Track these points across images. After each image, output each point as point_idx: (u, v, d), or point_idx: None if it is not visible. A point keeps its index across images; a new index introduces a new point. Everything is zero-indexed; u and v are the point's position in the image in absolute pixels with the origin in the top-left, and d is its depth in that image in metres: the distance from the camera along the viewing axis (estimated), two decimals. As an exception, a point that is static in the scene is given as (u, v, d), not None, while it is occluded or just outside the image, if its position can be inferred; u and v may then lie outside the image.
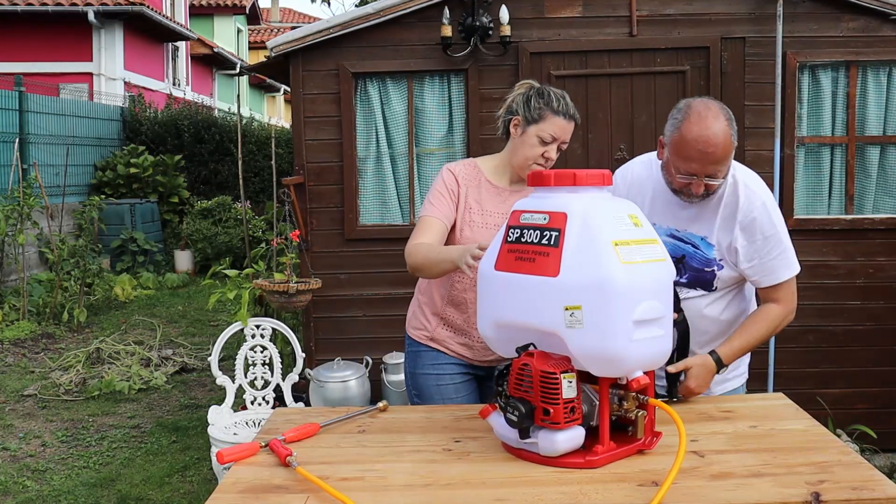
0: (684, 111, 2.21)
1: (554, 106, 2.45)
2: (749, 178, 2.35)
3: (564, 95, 2.50)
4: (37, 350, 7.27)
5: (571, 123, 2.49)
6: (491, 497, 1.61)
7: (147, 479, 4.47)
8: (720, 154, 2.17)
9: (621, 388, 1.78)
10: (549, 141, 2.46)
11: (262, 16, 27.43)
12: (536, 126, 2.46)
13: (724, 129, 2.17)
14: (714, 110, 2.19)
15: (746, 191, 2.31)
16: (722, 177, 2.22)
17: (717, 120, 2.17)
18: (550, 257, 1.73)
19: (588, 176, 1.82)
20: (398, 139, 4.83)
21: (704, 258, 2.35)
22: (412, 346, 2.68)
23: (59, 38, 14.41)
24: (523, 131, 2.48)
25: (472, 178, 2.57)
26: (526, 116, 2.48)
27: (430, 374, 2.61)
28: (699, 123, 2.16)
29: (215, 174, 13.09)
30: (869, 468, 1.71)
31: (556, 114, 2.45)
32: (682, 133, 2.18)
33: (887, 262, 4.66)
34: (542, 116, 2.45)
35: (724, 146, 2.16)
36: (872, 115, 4.67)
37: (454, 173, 2.56)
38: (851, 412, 4.62)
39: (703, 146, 2.15)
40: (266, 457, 1.86)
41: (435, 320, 2.62)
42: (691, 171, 2.20)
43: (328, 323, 4.86)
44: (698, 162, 2.18)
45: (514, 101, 2.52)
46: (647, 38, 4.66)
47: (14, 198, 8.52)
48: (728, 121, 2.19)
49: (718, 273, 2.35)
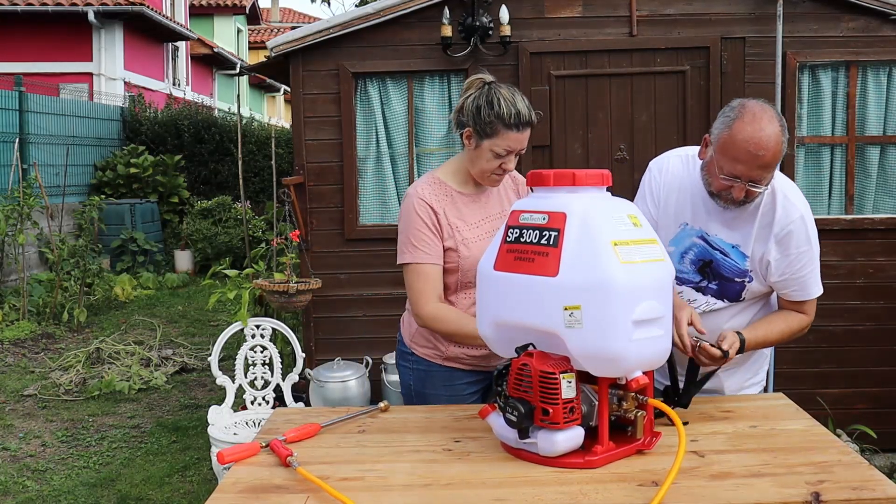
0: (738, 110, 2.12)
1: (505, 119, 2.27)
2: (789, 190, 2.26)
3: (515, 99, 2.30)
4: (37, 350, 7.27)
5: (527, 131, 2.32)
6: (491, 497, 1.61)
7: (147, 479, 4.47)
8: (769, 158, 2.08)
9: (620, 388, 1.78)
10: (503, 154, 2.32)
11: (262, 16, 27.43)
12: (490, 141, 2.31)
13: (777, 134, 2.09)
14: (770, 113, 2.11)
15: (785, 202, 2.22)
16: (765, 184, 2.13)
17: (771, 123, 2.09)
18: (550, 257, 1.73)
19: (587, 176, 1.82)
20: (398, 139, 4.83)
21: (736, 268, 2.26)
22: (419, 363, 2.52)
23: (59, 38, 14.41)
24: (477, 145, 2.34)
25: (444, 197, 2.42)
26: (478, 130, 2.32)
27: (441, 395, 2.46)
28: (752, 124, 2.08)
29: (215, 174, 13.09)
30: (869, 468, 1.71)
31: (509, 128, 2.28)
32: (733, 132, 2.09)
33: (887, 262, 4.66)
34: (495, 132, 2.29)
35: (774, 151, 2.08)
36: (872, 115, 4.67)
37: (427, 201, 2.39)
38: (851, 412, 4.62)
39: (753, 148, 2.07)
40: (266, 457, 1.86)
41: (446, 341, 2.45)
42: (736, 172, 2.10)
43: (328, 323, 4.85)
44: (745, 164, 2.08)
45: (464, 107, 2.36)
46: (647, 38, 4.66)
47: (14, 198, 8.52)
48: (782, 127, 2.12)
49: (749, 285, 2.27)
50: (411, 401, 2.55)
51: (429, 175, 2.50)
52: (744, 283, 2.27)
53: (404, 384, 2.59)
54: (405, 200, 2.46)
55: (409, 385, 2.57)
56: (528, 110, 2.32)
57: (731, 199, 2.15)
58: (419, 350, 2.52)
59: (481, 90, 2.34)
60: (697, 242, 2.29)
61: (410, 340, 2.55)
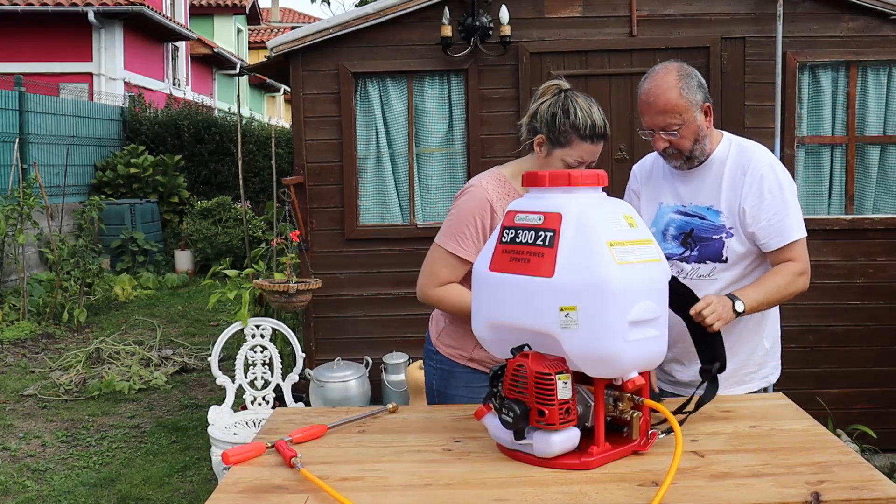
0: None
1: (581, 130, 2.24)
2: (749, 143, 2.40)
3: (592, 110, 2.27)
4: (37, 350, 7.27)
5: (600, 144, 2.29)
6: (491, 497, 1.61)
7: (147, 479, 4.47)
8: (661, 103, 2.25)
9: (616, 388, 1.77)
10: (574, 165, 2.28)
11: (262, 16, 27.43)
12: (562, 150, 2.28)
13: (669, 82, 2.25)
14: (669, 67, 2.29)
15: (746, 152, 2.36)
16: (677, 130, 2.26)
17: (666, 75, 2.27)
18: (545, 258, 1.73)
19: (583, 176, 1.82)
20: (398, 139, 4.83)
21: (712, 226, 2.34)
22: (442, 362, 2.48)
23: (59, 38, 14.41)
24: (548, 153, 2.31)
25: (505, 196, 2.36)
26: (550, 138, 2.29)
27: (463, 396, 2.42)
28: (648, 80, 2.30)
29: (215, 174, 13.09)
30: (869, 468, 1.71)
31: (584, 139, 2.25)
32: (638, 93, 2.32)
33: (887, 262, 4.66)
34: (570, 142, 2.26)
35: (665, 96, 2.25)
36: (872, 115, 4.67)
37: (490, 201, 2.34)
38: (851, 412, 4.62)
39: (646, 97, 2.28)
40: (266, 457, 1.85)
41: (471, 341, 2.36)
42: (646, 124, 2.31)
43: (328, 323, 4.85)
44: (647, 115, 2.29)
45: (538, 113, 2.31)
46: (647, 38, 4.66)
47: (14, 198, 8.52)
48: (681, 77, 2.26)
49: (727, 241, 2.33)
50: (433, 400, 2.53)
51: (495, 171, 2.45)
52: (722, 240, 2.34)
53: (427, 383, 2.57)
54: (468, 191, 2.41)
55: (431, 385, 2.54)
56: (604, 122, 2.30)
57: (668, 155, 2.33)
58: (444, 349, 2.49)
59: (557, 97, 2.30)
60: (675, 217, 2.41)
61: (437, 339, 2.52)
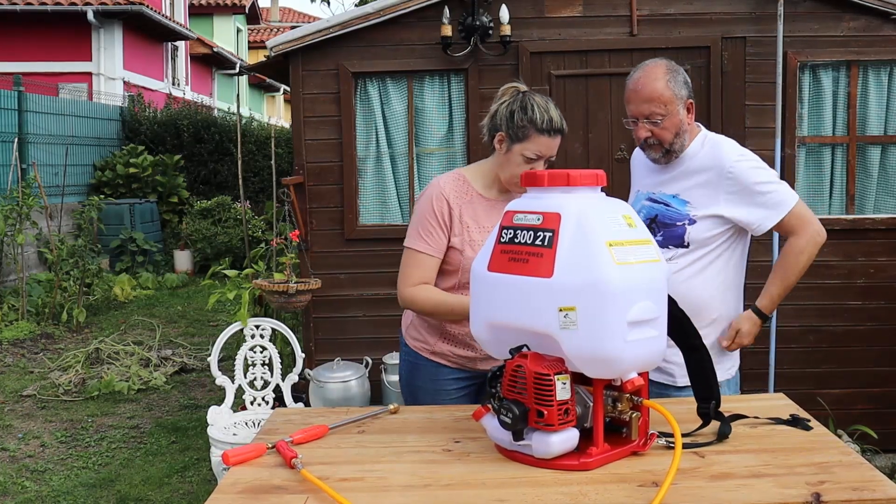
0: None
1: (538, 124, 2.34)
2: (720, 137, 2.54)
3: (549, 107, 2.37)
4: (36, 350, 7.26)
5: (557, 138, 2.38)
6: (491, 497, 1.61)
7: (146, 479, 4.47)
8: (647, 91, 2.41)
9: (615, 389, 1.77)
10: (534, 159, 2.37)
11: (262, 15, 27.44)
12: (521, 145, 2.37)
13: (656, 73, 2.42)
14: (658, 61, 2.46)
15: (717, 146, 2.49)
16: (660, 119, 2.41)
17: (655, 67, 2.44)
18: (544, 258, 1.73)
19: (582, 176, 1.81)
20: (398, 139, 4.83)
21: (676, 213, 2.49)
22: (410, 355, 2.62)
23: (59, 38, 14.41)
24: (508, 149, 2.40)
25: (463, 195, 2.48)
26: (510, 134, 2.38)
27: (427, 388, 2.56)
28: (637, 71, 2.47)
29: (215, 174, 13.08)
30: (870, 469, 1.71)
31: (541, 132, 2.35)
32: (626, 82, 2.48)
33: (888, 262, 4.66)
34: (527, 136, 2.35)
35: (652, 86, 2.41)
36: (873, 115, 4.67)
37: (446, 197, 2.45)
38: (852, 412, 4.62)
39: (633, 86, 2.45)
40: (266, 457, 1.85)
41: (435, 336, 2.54)
42: (630, 113, 2.46)
43: (328, 323, 4.85)
44: (633, 102, 2.44)
45: (498, 112, 2.42)
46: (647, 38, 4.65)
47: (13, 198, 8.52)
48: (668, 71, 2.43)
49: (689, 228, 2.46)
50: (403, 391, 2.67)
51: (456, 171, 2.58)
52: (685, 226, 2.47)
53: (400, 375, 2.71)
54: (427, 189, 2.54)
55: (402, 376, 2.68)
56: (560, 118, 2.39)
57: (647, 146, 2.48)
58: (411, 342, 2.62)
59: (515, 97, 2.40)
60: (646, 204, 2.57)
61: (406, 332, 2.65)
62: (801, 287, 4.73)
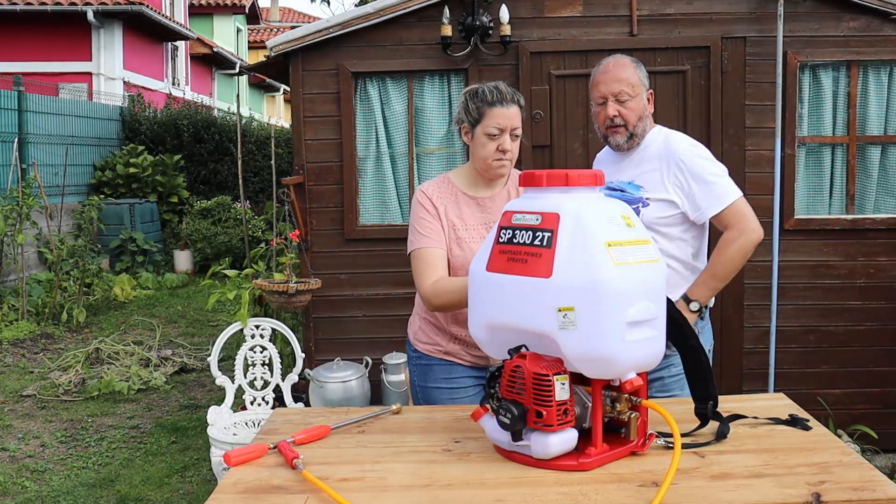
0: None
1: (488, 98, 2.45)
2: (676, 132, 2.69)
3: (498, 85, 2.49)
4: (36, 350, 7.26)
5: (513, 107, 2.46)
6: (491, 497, 1.61)
7: (146, 479, 4.46)
8: (618, 72, 2.58)
9: (614, 389, 1.77)
10: (496, 134, 2.44)
11: (262, 15, 27.43)
12: (480, 125, 2.46)
13: (625, 61, 2.60)
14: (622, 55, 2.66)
15: (672, 137, 2.63)
16: (627, 98, 2.57)
17: (621, 57, 2.63)
18: (543, 258, 1.73)
19: (580, 176, 1.81)
20: (398, 139, 4.83)
21: (631, 197, 2.58)
22: (421, 359, 2.62)
23: (59, 38, 14.40)
24: (472, 135, 2.50)
25: (447, 195, 2.54)
26: (469, 121, 2.50)
27: (443, 387, 2.57)
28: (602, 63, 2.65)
29: (215, 174, 13.08)
30: (870, 469, 1.71)
31: (493, 105, 2.44)
32: (592, 73, 2.67)
33: (888, 263, 4.66)
34: (482, 114, 2.46)
35: (622, 69, 2.59)
36: (873, 115, 4.67)
37: (427, 195, 2.54)
38: (852, 412, 4.62)
39: (603, 69, 2.62)
40: (266, 457, 1.85)
41: (444, 337, 2.57)
42: (600, 94, 2.61)
43: (328, 323, 4.85)
44: (603, 83, 2.60)
45: (458, 110, 2.55)
46: (647, 38, 4.65)
47: (13, 198, 8.51)
48: (634, 62, 2.62)
49: (643, 210, 2.57)
50: (417, 399, 2.65)
51: (440, 176, 2.66)
52: (638, 209, 2.57)
53: (412, 383, 2.69)
54: (413, 197, 2.61)
55: (414, 382, 2.67)
56: (512, 91, 2.49)
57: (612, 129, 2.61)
58: (420, 346, 2.62)
59: (468, 92, 2.54)
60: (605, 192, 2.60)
61: (414, 338, 2.66)
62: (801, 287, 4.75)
